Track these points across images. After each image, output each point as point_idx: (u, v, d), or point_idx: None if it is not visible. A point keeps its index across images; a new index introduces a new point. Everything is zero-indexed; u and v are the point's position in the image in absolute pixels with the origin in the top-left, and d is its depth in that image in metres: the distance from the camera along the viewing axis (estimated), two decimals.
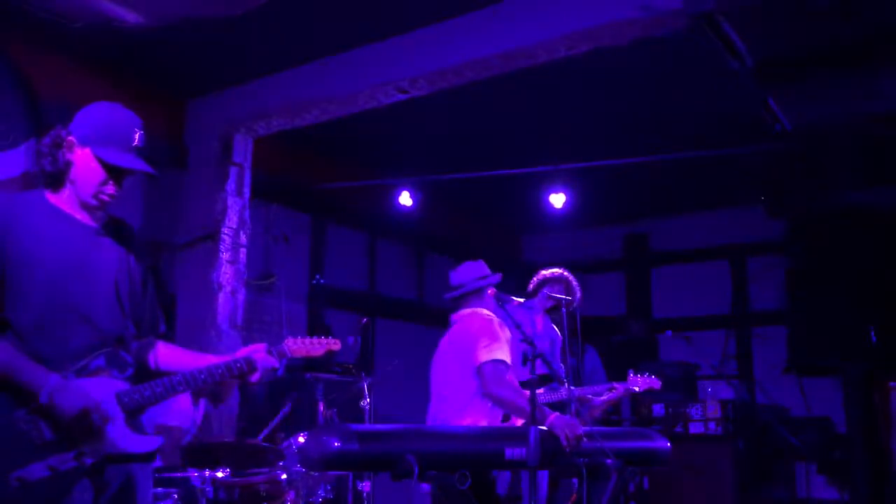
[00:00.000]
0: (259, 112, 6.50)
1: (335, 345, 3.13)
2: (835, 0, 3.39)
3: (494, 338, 3.82)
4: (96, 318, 2.57)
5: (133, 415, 2.59)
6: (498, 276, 4.09)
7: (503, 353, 3.79)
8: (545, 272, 5.34)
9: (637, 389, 5.44)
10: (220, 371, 2.74)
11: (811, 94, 4.45)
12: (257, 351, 2.83)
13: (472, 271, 4.11)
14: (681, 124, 6.95)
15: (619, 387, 5.35)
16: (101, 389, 2.52)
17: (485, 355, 3.75)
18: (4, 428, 2.36)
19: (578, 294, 5.20)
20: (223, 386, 2.84)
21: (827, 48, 3.82)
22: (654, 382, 5.47)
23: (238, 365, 2.77)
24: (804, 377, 8.17)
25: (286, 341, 2.97)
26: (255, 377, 2.82)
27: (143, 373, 2.72)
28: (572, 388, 4.99)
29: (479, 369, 3.74)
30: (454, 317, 4.10)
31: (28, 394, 2.38)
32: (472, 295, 4.05)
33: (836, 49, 3.81)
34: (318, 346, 3.07)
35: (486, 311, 4.03)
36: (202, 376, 2.71)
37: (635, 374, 5.46)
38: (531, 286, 5.35)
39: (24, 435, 2.37)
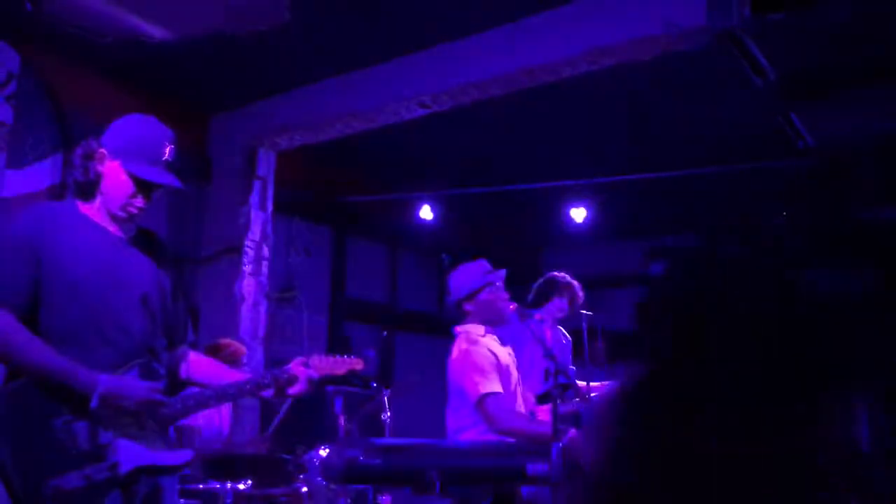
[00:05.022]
0: (282, 126, 6.55)
1: (358, 364, 3.11)
2: (860, 15, 3.38)
3: (482, 370, 3.63)
4: (129, 327, 2.60)
5: (164, 426, 2.61)
6: (500, 273, 3.90)
7: (496, 383, 3.61)
8: (552, 280, 5.12)
9: None
10: (248, 387, 2.77)
11: (835, 110, 4.42)
12: (294, 365, 2.84)
13: (470, 272, 3.94)
14: (703, 139, 6.94)
15: None
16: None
17: (479, 391, 3.58)
18: (43, 436, 2.38)
19: (581, 296, 5.11)
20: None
21: (851, 63, 3.81)
22: None
23: (266, 381, 2.78)
24: None
25: (311, 358, 2.97)
26: (294, 389, 2.81)
27: (173, 382, 2.75)
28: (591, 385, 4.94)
29: (478, 407, 3.60)
30: (455, 329, 3.97)
31: (79, 396, 2.41)
32: (474, 296, 3.89)
33: (861, 64, 3.79)
34: (340, 365, 3.06)
35: (475, 331, 3.84)
36: (232, 391, 2.75)
37: None
38: (536, 293, 5.13)
39: (62, 443, 2.39)
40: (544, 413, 4.02)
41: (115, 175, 2.63)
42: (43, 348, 2.44)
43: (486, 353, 3.71)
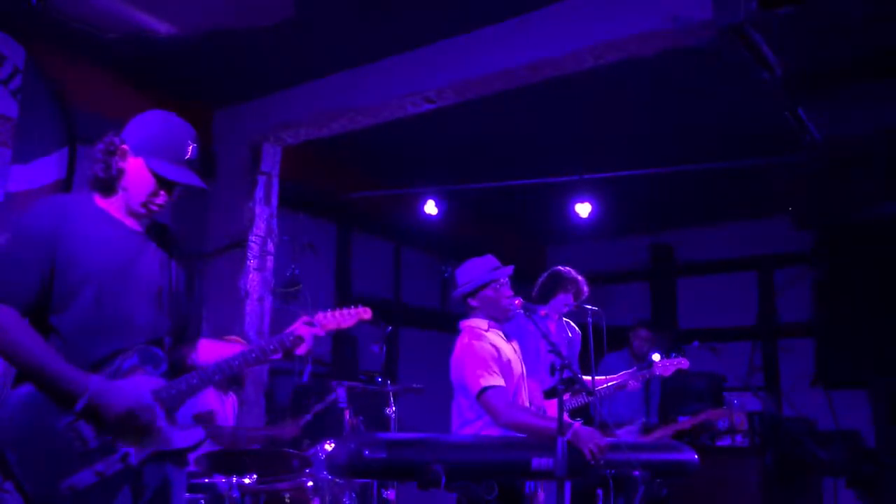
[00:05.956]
0: (287, 121, 6.55)
1: (366, 313, 3.08)
2: (867, 11, 3.37)
3: (483, 364, 3.66)
4: (139, 320, 2.60)
5: (171, 410, 2.61)
6: (506, 270, 3.91)
7: (497, 377, 3.65)
8: (557, 274, 5.07)
9: (665, 375, 5.33)
10: (254, 355, 2.74)
11: (842, 106, 4.42)
12: (298, 325, 2.83)
13: (477, 267, 3.95)
14: (709, 134, 6.93)
15: (645, 374, 5.26)
16: (138, 388, 2.54)
17: (480, 384, 3.62)
18: (50, 438, 2.38)
19: (586, 291, 5.10)
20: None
21: (858, 59, 3.80)
22: (681, 363, 5.33)
23: (272, 346, 2.76)
24: (832, 390, 8.09)
25: (316, 315, 2.93)
26: (301, 349, 2.80)
27: (181, 370, 2.73)
28: (597, 379, 4.95)
29: (480, 401, 3.63)
30: (461, 324, 3.99)
31: (69, 399, 2.40)
32: (478, 292, 3.90)
33: (868, 60, 3.78)
34: (347, 317, 3.02)
35: (479, 326, 3.88)
36: (237, 362, 2.71)
37: (661, 359, 5.36)
38: (541, 288, 5.09)
39: (69, 443, 2.39)
40: (553, 408, 4.03)
41: (137, 172, 2.62)
42: (39, 346, 2.43)
43: (487, 348, 3.74)
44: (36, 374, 2.41)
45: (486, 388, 3.60)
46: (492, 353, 3.72)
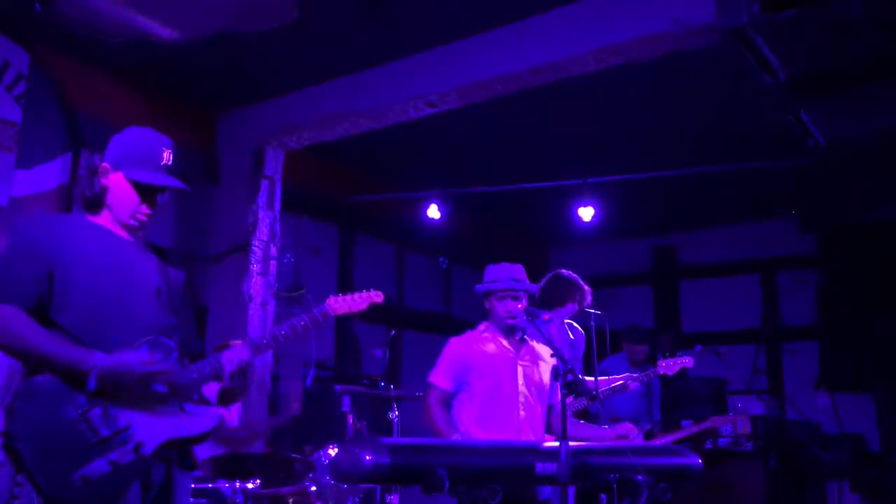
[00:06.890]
0: (290, 126, 6.56)
1: (378, 297, 3.22)
2: (870, 14, 3.37)
3: (441, 362, 3.98)
4: (140, 318, 2.65)
5: (183, 398, 2.66)
6: (521, 285, 3.95)
7: (435, 375, 3.96)
8: (563, 281, 5.03)
9: (669, 374, 5.30)
10: (265, 341, 2.91)
11: (845, 109, 4.42)
12: (301, 318, 2.98)
13: (498, 273, 4.02)
14: (711, 137, 6.92)
15: (649, 374, 5.25)
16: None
17: (429, 378, 3.96)
18: (62, 429, 2.41)
19: (590, 297, 5.09)
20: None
21: (862, 62, 3.80)
22: (686, 362, 5.32)
23: (281, 333, 2.92)
24: (836, 393, 8.08)
25: (328, 300, 3.09)
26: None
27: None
28: (600, 380, 4.96)
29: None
30: None
31: (78, 379, 2.44)
32: (488, 297, 3.98)
33: (872, 63, 3.79)
34: (359, 301, 3.15)
35: (480, 327, 4.04)
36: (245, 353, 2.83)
37: (665, 358, 5.34)
38: (547, 294, 5.05)
39: (81, 433, 2.42)
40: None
41: (119, 186, 2.72)
42: (44, 335, 2.48)
43: (455, 349, 3.97)
44: (43, 361, 2.46)
45: (430, 383, 3.94)
46: (461, 355, 3.92)
